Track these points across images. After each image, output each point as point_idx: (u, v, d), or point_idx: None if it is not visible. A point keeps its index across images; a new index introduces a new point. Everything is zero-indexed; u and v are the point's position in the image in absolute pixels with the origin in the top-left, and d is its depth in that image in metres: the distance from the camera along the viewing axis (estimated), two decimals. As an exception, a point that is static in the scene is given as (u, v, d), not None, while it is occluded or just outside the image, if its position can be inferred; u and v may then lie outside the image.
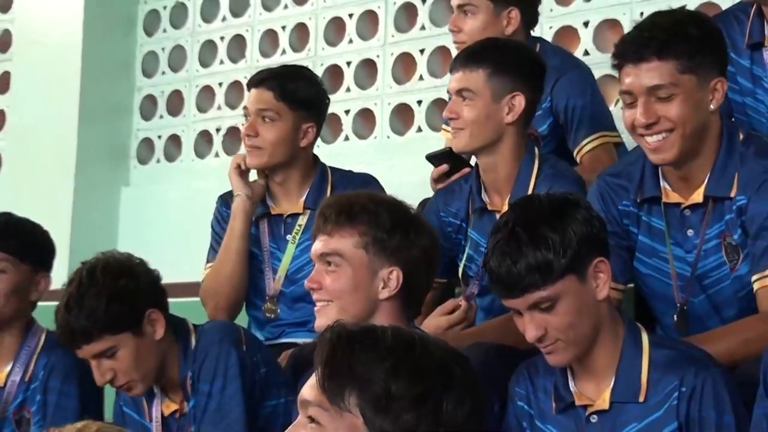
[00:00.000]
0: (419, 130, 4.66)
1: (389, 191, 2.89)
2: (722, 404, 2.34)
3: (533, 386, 2.49)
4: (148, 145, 5.45)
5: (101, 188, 5.30)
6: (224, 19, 5.28)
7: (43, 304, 3.28)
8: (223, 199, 3.50)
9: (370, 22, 4.86)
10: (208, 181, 4.93)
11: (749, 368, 2.42)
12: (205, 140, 5.30)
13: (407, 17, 4.77)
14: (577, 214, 2.34)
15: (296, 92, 3.33)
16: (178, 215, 5.00)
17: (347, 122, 4.85)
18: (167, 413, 2.90)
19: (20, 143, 5.49)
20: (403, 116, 4.74)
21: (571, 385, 2.44)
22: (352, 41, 4.89)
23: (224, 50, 5.26)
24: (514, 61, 3.03)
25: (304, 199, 3.37)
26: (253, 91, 3.37)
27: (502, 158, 3.01)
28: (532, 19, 3.57)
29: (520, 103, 2.98)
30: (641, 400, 2.38)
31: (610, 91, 4.14)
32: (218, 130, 5.25)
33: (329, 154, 3.78)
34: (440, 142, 3.83)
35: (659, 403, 2.37)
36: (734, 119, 3.00)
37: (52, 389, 3.12)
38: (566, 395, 2.44)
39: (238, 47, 5.23)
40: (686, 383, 2.35)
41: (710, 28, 2.61)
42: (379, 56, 4.80)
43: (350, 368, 1.71)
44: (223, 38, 5.28)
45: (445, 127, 3.84)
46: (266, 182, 3.40)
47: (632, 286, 2.84)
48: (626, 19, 4.15)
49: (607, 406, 2.39)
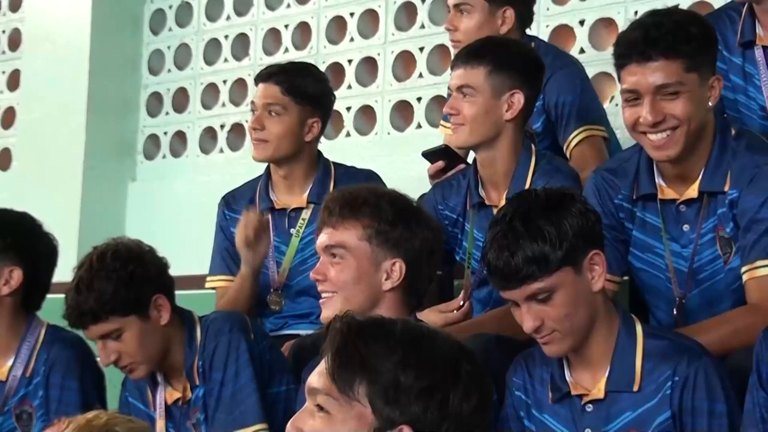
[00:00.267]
0: (419, 126, 4.66)
1: (389, 186, 2.89)
2: (714, 393, 2.35)
3: (530, 376, 2.49)
4: (154, 141, 5.45)
5: (109, 183, 5.30)
6: (228, 18, 5.28)
7: (50, 297, 3.25)
8: (225, 200, 3.49)
9: (370, 20, 4.85)
10: (212, 175, 4.93)
11: (739, 357, 2.43)
12: (209, 136, 5.30)
13: (407, 16, 4.76)
14: (572, 207, 2.34)
15: (303, 87, 3.33)
16: (183, 209, 5.00)
17: (348, 119, 4.84)
18: (170, 401, 2.90)
19: (30, 139, 5.49)
20: (403, 113, 4.74)
21: (567, 375, 2.44)
22: (353, 39, 4.88)
23: (228, 48, 5.25)
24: (514, 59, 3.02)
25: (307, 193, 3.37)
26: (260, 85, 3.37)
27: (500, 154, 3.01)
28: (526, 17, 3.56)
29: (519, 100, 2.98)
30: (635, 389, 2.38)
31: (605, 88, 4.14)
32: (222, 126, 5.25)
33: (331, 149, 3.77)
34: (439, 138, 3.82)
35: (653, 392, 2.37)
36: (726, 116, 3.00)
37: (53, 385, 3.10)
38: (562, 385, 2.44)
39: (241, 45, 5.23)
40: (679, 373, 2.35)
41: (708, 27, 2.62)
42: (379, 54, 4.80)
43: (361, 359, 1.71)
44: (227, 37, 5.27)
45: (443, 123, 3.84)
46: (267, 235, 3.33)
47: (627, 278, 2.84)
48: (621, 17, 4.14)
49: (602, 395, 2.40)
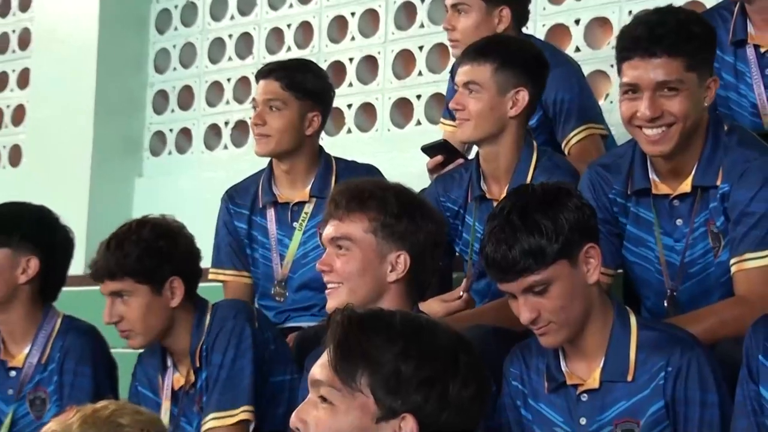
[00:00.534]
0: (418, 123, 4.66)
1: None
2: (706, 383, 2.35)
3: (527, 367, 2.49)
4: (160, 137, 5.45)
5: (116, 179, 5.30)
6: (232, 17, 5.28)
7: (63, 289, 3.26)
8: (229, 194, 3.47)
9: (371, 20, 4.85)
10: (217, 171, 4.93)
11: (727, 347, 2.43)
12: (214, 133, 5.30)
13: (407, 16, 4.76)
14: (568, 202, 2.34)
15: (302, 83, 3.33)
16: (188, 204, 4.98)
17: (350, 116, 4.84)
18: (177, 386, 2.91)
19: (39, 136, 5.49)
20: (403, 110, 4.74)
21: (562, 365, 2.44)
22: (354, 38, 4.88)
23: (232, 47, 5.25)
24: (519, 57, 3.02)
25: (309, 187, 3.36)
26: (261, 82, 3.37)
27: (503, 149, 3.01)
28: (522, 17, 3.56)
29: (523, 97, 2.98)
30: (629, 379, 2.38)
31: (599, 86, 4.15)
32: (227, 123, 5.25)
33: (332, 146, 3.77)
34: (438, 134, 3.82)
35: (647, 382, 2.37)
36: (718, 112, 3.00)
37: (67, 370, 3.11)
38: (558, 375, 2.43)
39: (245, 44, 5.23)
40: (672, 363, 2.35)
41: (709, 28, 2.62)
42: (380, 53, 4.80)
43: (363, 350, 1.71)
44: (231, 36, 5.27)
45: (443, 120, 3.84)
46: None
47: (621, 271, 2.84)
48: (615, 17, 4.15)
49: (597, 385, 2.40)
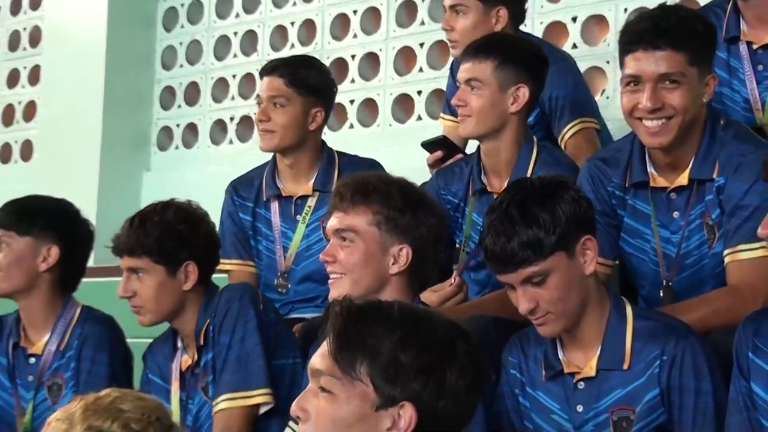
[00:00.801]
0: (419, 118, 4.65)
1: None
2: (700, 371, 2.35)
3: (525, 355, 2.49)
4: (167, 133, 5.44)
5: (124, 173, 5.30)
6: (237, 15, 5.27)
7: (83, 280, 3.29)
8: (233, 186, 3.47)
9: (373, 17, 4.84)
10: (222, 166, 4.93)
11: (720, 337, 2.43)
12: (219, 128, 5.30)
13: (408, 13, 4.76)
14: (566, 195, 2.34)
15: (305, 79, 3.32)
16: (194, 197, 4.92)
17: (352, 111, 4.83)
18: (184, 368, 2.91)
19: (50, 132, 5.49)
20: (404, 105, 4.73)
21: (560, 354, 2.43)
22: (356, 36, 4.87)
23: (237, 44, 5.24)
24: (520, 54, 3.02)
25: (313, 181, 3.35)
26: (265, 78, 3.36)
27: (504, 144, 3.00)
28: (519, 16, 3.55)
29: (524, 94, 2.98)
30: (625, 367, 2.38)
31: (596, 82, 4.14)
32: (232, 118, 5.24)
33: (335, 141, 3.76)
34: (439, 129, 3.82)
35: (642, 370, 2.37)
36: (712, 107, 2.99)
37: (84, 357, 3.13)
38: (555, 363, 2.43)
39: (250, 42, 5.22)
40: (667, 352, 2.35)
41: (711, 27, 2.62)
42: (381, 50, 4.79)
43: (362, 340, 1.71)
44: (236, 33, 5.26)
45: (443, 115, 3.83)
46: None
47: (617, 262, 2.83)
48: (611, 14, 4.14)
49: (593, 373, 2.39)
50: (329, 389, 1.73)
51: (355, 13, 4.88)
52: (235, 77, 5.24)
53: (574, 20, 4.24)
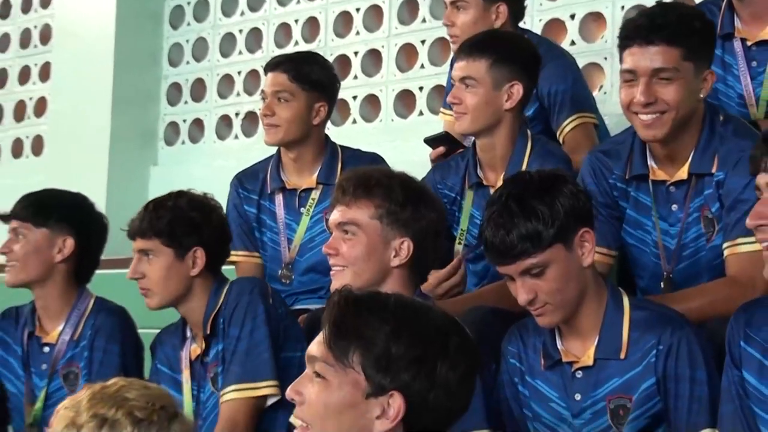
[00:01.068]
0: (421, 113, 4.65)
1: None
2: (695, 361, 2.34)
3: (524, 345, 2.48)
4: (174, 128, 5.44)
5: (132, 168, 5.30)
6: (242, 13, 5.27)
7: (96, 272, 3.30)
8: (238, 179, 3.46)
9: (375, 15, 4.84)
10: (228, 160, 4.92)
11: (715, 327, 2.42)
12: (225, 123, 5.30)
13: (409, 11, 4.75)
14: (564, 188, 2.33)
15: (308, 74, 3.31)
16: (201, 191, 4.98)
17: (355, 107, 4.83)
18: (193, 357, 2.91)
19: (60, 127, 5.49)
20: (405, 101, 4.73)
21: (558, 343, 2.43)
22: (359, 33, 4.87)
23: (242, 42, 5.24)
24: (513, 52, 3.01)
25: (316, 174, 3.35)
26: (269, 74, 3.35)
27: (499, 140, 3.00)
28: (519, 12, 3.54)
29: (518, 91, 2.97)
30: (622, 357, 2.37)
31: (594, 77, 4.13)
32: (237, 114, 5.24)
33: (338, 136, 3.76)
34: (440, 124, 3.81)
35: (639, 359, 2.37)
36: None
37: (97, 348, 3.14)
38: (554, 353, 2.43)
39: (255, 39, 5.22)
40: (663, 342, 2.35)
41: (709, 24, 2.61)
42: (383, 46, 4.78)
43: (356, 329, 1.71)
44: (241, 31, 5.26)
45: (443, 110, 3.82)
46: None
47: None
48: (609, 12, 4.13)
49: (591, 362, 2.39)
50: (323, 375, 1.74)
51: (357, 10, 4.87)
52: (240, 74, 5.23)
53: (572, 17, 4.24)
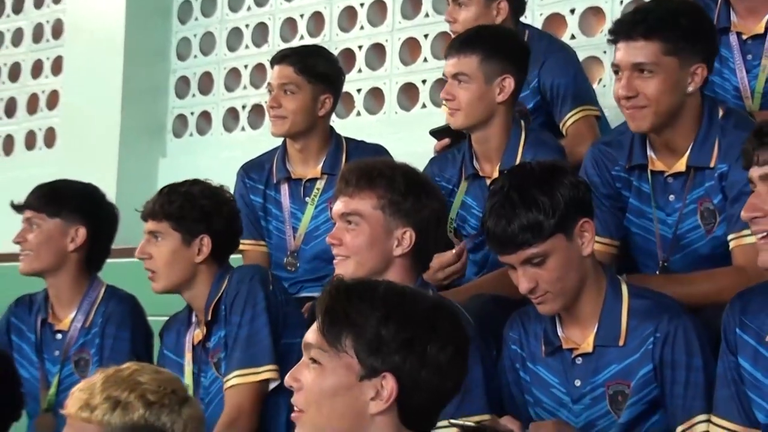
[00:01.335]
0: (424, 106, 4.64)
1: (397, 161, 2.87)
2: (692, 348, 2.35)
3: (525, 332, 2.49)
4: (182, 120, 5.44)
5: (142, 159, 5.30)
6: (249, 8, 5.26)
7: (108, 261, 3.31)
8: (245, 169, 3.46)
9: (379, 10, 4.82)
10: (234, 151, 4.91)
11: (711, 315, 2.42)
12: (232, 116, 5.29)
13: (413, 6, 4.74)
14: (564, 179, 2.33)
15: (314, 67, 3.31)
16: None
17: (359, 100, 4.82)
18: (196, 342, 2.92)
19: (72, 119, 5.49)
20: (409, 94, 4.72)
21: (559, 330, 2.43)
22: (363, 27, 4.86)
23: (249, 36, 5.23)
24: (503, 46, 3.01)
25: (321, 165, 3.35)
26: (275, 67, 3.35)
27: (493, 132, 3.00)
28: (519, 8, 3.53)
29: (509, 84, 2.97)
30: (621, 344, 2.37)
31: (593, 71, 4.13)
32: (244, 107, 5.23)
33: (343, 128, 3.75)
34: (442, 116, 3.80)
35: (637, 346, 2.37)
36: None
37: (108, 334, 3.15)
38: (554, 340, 2.43)
39: (261, 33, 5.20)
40: (661, 329, 2.35)
41: (700, 20, 2.59)
42: (387, 41, 4.77)
43: (347, 316, 1.73)
44: (248, 25, 5.25)
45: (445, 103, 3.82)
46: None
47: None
48: (608, 6, 4.12)
49: (590, 349, 2.39)
50: (318, 360, 1.75)
51: (361, 5, 4.86)
52: (246, 67, 5.23)
53: (572, 12, 4.22)
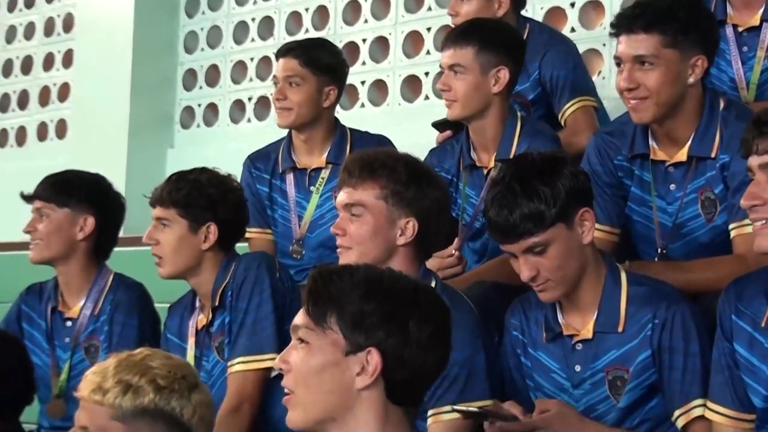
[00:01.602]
0: (426, 98, 4.63)
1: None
2: (689, 334, 2.35)
3: (526, 318, 2.49)
4: (189, 112, 5.43)
5: (150, 150, 5.29)
6: (255, 2, 5.25)
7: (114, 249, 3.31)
8: (251, 159, 3.46)
9: (383, 4, 4.81)
10: (241, 143, 4.90)
11: (709, 302, 2.42)
12: (238, 108, 5.29)
13: (416, 0, 4.73)
14: (565, 169, 2.33)
15: (318, 59, 3.31)
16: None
17: (363, 91, 4.81)
18: (200, 327, 2.92)
19: (82, 111, 5.49)
20: (412, 86, 4.71)
21: (559, 317, 2.43)
22: (367, 21, 4.85)
23: (255, 29, 5.22)
24: (498, 38, 3.00)
25: (326, 155, 3.35)
26: (281, 60, 3.35)
27: (489, 123, 2.99)
28: (520, 1, 3.52)
29: (505, 75, 2.96)
30: (620, 330, 2.37)
31: (593, 63, 4.12)
32: (250, 99, 5.23)
33: (347, 119, 3.75)
34: (445, 108, 3.79)
35: (635, 333, 2.37)
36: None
37: (116, 321, 3.16)
38: (555, 326, 2.43)
39: (267, 27, 5.19)
40: (659, 316, 2.35)
41: (699, 12, 2.59)
42: (391, 34, 4.76)
43: (330, 295, 1.76)
44: (254, 19, 5.24)
45: (448, 96, 3.81)
46: None
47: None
48: (607, 0, 4.11)
49: (590, 335, 2.39)
50: (305, 339, 1.78)
51: (366, -1, 4.86)
52: (252, 60, 5.22)
53: (572, 5, 4.21)
